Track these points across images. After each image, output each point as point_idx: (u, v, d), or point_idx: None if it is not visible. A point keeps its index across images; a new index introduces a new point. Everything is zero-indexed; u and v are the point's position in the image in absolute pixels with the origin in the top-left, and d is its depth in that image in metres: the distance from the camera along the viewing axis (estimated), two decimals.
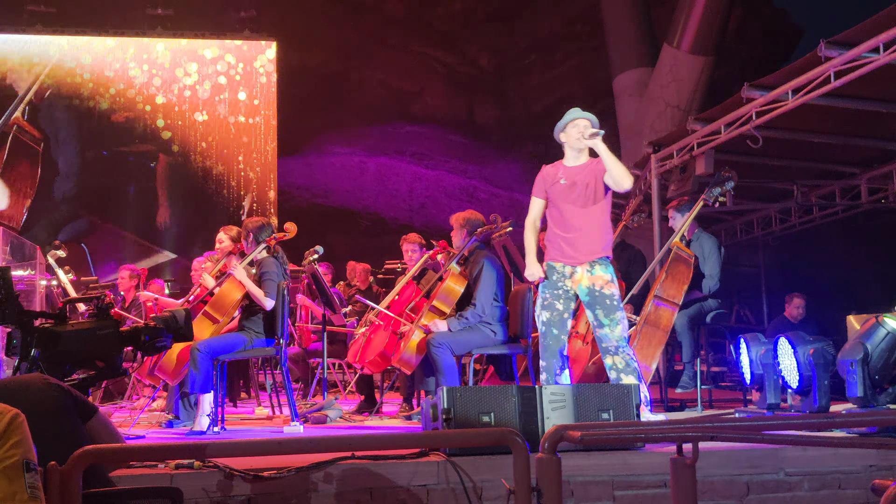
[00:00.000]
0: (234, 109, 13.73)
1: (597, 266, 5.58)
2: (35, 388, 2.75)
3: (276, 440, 2.71)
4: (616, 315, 5.54)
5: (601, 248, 5.63)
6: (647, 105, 13.43)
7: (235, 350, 6.19)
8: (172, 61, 13.63)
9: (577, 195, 5.67)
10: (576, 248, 5.65)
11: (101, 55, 13.42)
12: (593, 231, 5.64)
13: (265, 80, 13.87)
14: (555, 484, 2.71)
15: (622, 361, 5.52)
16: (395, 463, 4.11)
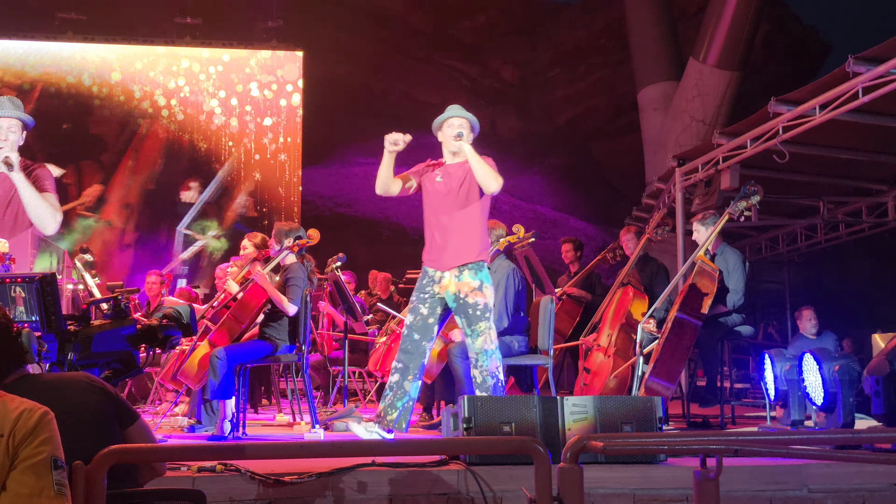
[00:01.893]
0: (258, 118, 13.80)
1: (465, 272, 5.32)
2: (79, 387, 2.78)
3: (299, 443, 2.71)
4: (479, 325, 5.27)
5: (472, 253, 5.37)
6: (671, 119, 13.39)
7: (257, 356, 6.20)
8: (199, 70, 13.72)
9: (450, 196, 5.47)
10: (444, 252, 5.43)
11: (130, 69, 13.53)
12: (464, 235, 5.40)
13: (290, 89, 13.94)
14: (577, 494, 2.70)
15: (479, 376, 5.30)
16: (416, 471, 4.10)
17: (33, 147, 13.02)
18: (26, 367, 2.84)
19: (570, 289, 8.41)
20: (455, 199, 5.45)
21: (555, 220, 16.72)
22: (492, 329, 5.32)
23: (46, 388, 2.75)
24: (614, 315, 7.01)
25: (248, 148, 13.72)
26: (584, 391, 6.90)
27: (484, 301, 5.30)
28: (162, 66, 13.58)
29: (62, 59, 13.25)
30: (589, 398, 4.54)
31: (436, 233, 5.52)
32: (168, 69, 13.60)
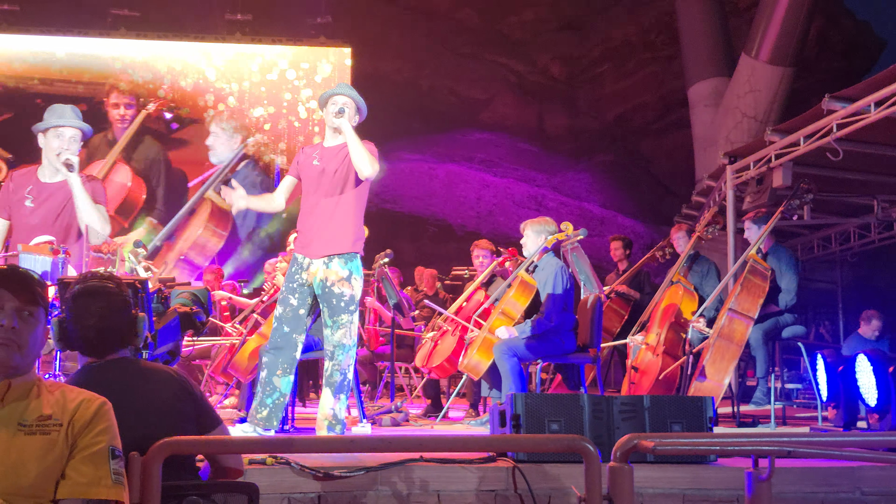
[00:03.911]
0: (307, 113, 13.88)
1: (335, 260, 5.16)
2: (166, 382, 2.85)
3: (349, 438, 2.73)
4: (341, 318, 5.12)
5: (345, 244, 5.20)
6: (722, 115, 13.24)
7: (305, 350, 6.23)
8: (248, 66, 13.83)
9: (325, 181, 5.25)
10: (314, 239, 5.25)
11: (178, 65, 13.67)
12: (337, 223, 5.21)
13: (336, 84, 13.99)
14: (627, 493, 2.69)
15: (330, 368, 5.16)
16: (463, 467, 4.10)
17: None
18: (126, 350, 2.91)
19: (618, 287, 8.36)
20: (330, 184, 5.25)
21: (602, 217, 16.62)
22: (353, 324, 5.16)
23: (137, 375, 2.83)
24: (663, 314, 6.95)
25: (292, 143, 13.79)
26: (632, 390, 6.85)
27: (350, 293, 5.15)
28: (212, 63, 13.70)
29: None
30: (639, 397, 4.51)
31: (308, 218, 5.31)
32: (219, 68, 13.71)
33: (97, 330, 2.82)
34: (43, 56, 13.31)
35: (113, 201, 12.67)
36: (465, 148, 17.38)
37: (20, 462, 2.28)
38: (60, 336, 2.87)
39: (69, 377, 2.90)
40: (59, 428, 2.35)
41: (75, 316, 2.83)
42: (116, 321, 2.85)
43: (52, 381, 2.52)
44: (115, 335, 2.85)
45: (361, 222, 5.36)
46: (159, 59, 13.52)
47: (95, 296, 2.86)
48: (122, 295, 2.90)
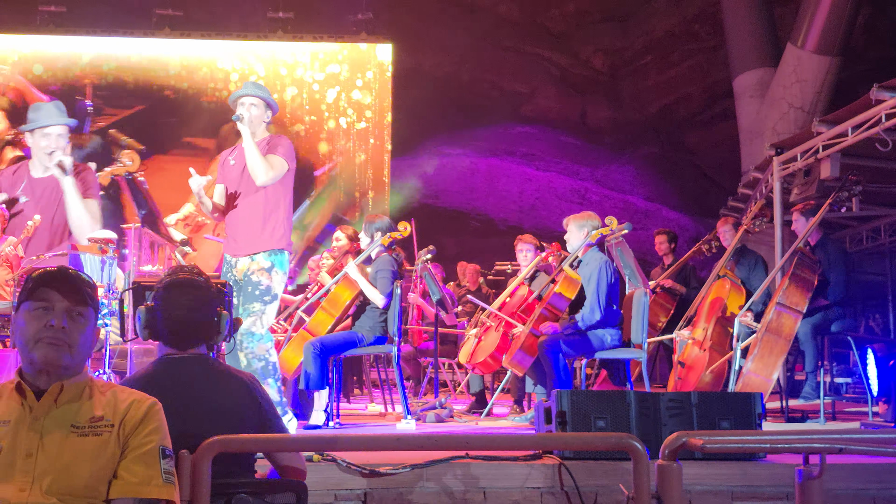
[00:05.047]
0: (348, 111, 13.92)
1: (259, 255, 5.13)
2: (237, 386, 2.91)
3: (395, 436, 2.73)
4: (253, 306, 5.04)
5: (267, 240, 5.16)
6: (768, 106, 13.06)
7: (349, 347, 6.27)
8: (291, 63, 13.90)
9: (242, 179, 5.21)
10: (236, 238, 5.23)
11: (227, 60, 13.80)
12: (255, 221, 5.18)
13: (380, 82, 14.02)
14: (676, 492, 2.67)
15: (244, 359, 5.02)
16: (509, 464, 4.09)
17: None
18: (205, 346, 2.96)
19: (664, 281, 8.29)
20: (248, 182, 5.21)
21: (647, 210, 16.49)
22: (265, 315, 5.08)
23: (212, 374, 2.89)
24: (710, 308, 6.88)
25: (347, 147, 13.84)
26: (678, 385, 6.79)
27: (268, 284, 5.10)
28: (255, 61, 13.80)
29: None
30: (686, 394, 4.47)
31: (231, 217, 5.30)
32: (262, 67, 13.81)
33: (183, 322, 2.89)
34: (162, 57, 13.68)
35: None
36: (506, 142, 17.33)
37: (73, 463, 2.32)
38: (147, 324, 2.93)
39: (145, 366, 2.96)
40: (110, 429, 2.38)
41: (164, 306, 2.89)
42: (202, 316, 2.92)
43: (104, 382, 2.56)
44: (199, 329, 2.92)
45: (286, 217, 5.31)
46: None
47: (186, 288, 2.92)
48: (210, 291, 2.97)
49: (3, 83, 13.08)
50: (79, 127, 12.64)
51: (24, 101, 12.87)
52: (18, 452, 2.31)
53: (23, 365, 2.44)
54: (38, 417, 2.36)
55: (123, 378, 3.36)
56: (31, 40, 13.42)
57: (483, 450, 3.99)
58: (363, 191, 13.77)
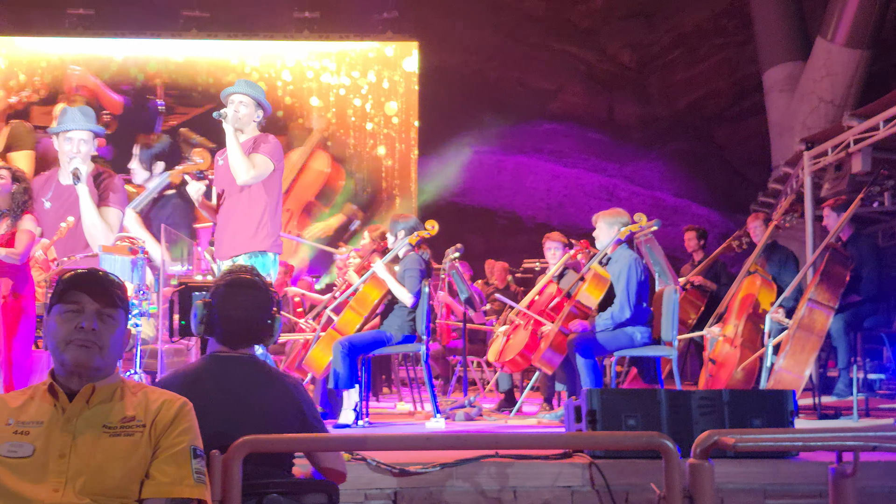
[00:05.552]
0: (375, 110, 13.93)
1: (240, 258, 5.10)
2: (282, 388, 2.94)
3: (425, 436, 2.73)
4: None
5: (250, 242, 5.12)
6: (798, 101, 12.93)
7: (378, 346, 6.28)
8: (317, 63, 13.94)
9: (227, 179, 5.18)
10: (222, 239, 5.21)
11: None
12: (240, 222, 5.15)
13: (406, 80, 14.03)
14: (708, 491, 2.65)
15: None
16: (539, 463, 4.08)
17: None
18: (254, 348, 3.00)
19: (694, 278, 8.24)
20: (227, 183, 5.18)
21: (676, 206, 16.38)
22: None
23: (260, 376, 2.93)
24: (741, 305, 6.83)
25: (374, 146, 13.87)
26: (709, 383, 6.74)
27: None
28: (277, 61, 13.85)
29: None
30: (717, 391, 4.43)
31: (219, 218, 5.27)
32: (283, 64, 13.85)
33: (239, 322, 2.92)
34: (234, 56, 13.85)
35: (312, 188, 13.40)
36: (533, 139, 17.29)
37: (106, 463, 2.33)
38: (202, 319, 2.96)
39: (194, 361, 2.99)
40: (142, 429, 2.40)
41: (222, 304, 2.93)
42: (259, 317, 2.95)
43: (135, 382, 2.57)
44: (253, 330, 2.96)
45: (271, 218, 5.25)
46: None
47: (246, 288, 2.96)
48: (268, 293, 3.00)
49: (78, 84, 13.19)
50: (150, 126, 12.80)
51: (97, 101, 12.99)
52: (51, 453, 2.33)
53: (55, 367, 2.46)
54: (71, 418, 2.38)
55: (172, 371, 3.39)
56: (100, 43, 13.53)
57: (514, 449, 3.98)
58: (390, 191, 13.78)
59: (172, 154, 12.54)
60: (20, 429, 2.36)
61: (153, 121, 13.00)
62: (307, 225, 13.36)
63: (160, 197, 6.56)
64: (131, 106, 13.13)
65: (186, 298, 3.85)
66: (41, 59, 13.41)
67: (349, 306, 6.45)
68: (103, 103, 12.94)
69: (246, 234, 5.15)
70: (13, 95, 13.05)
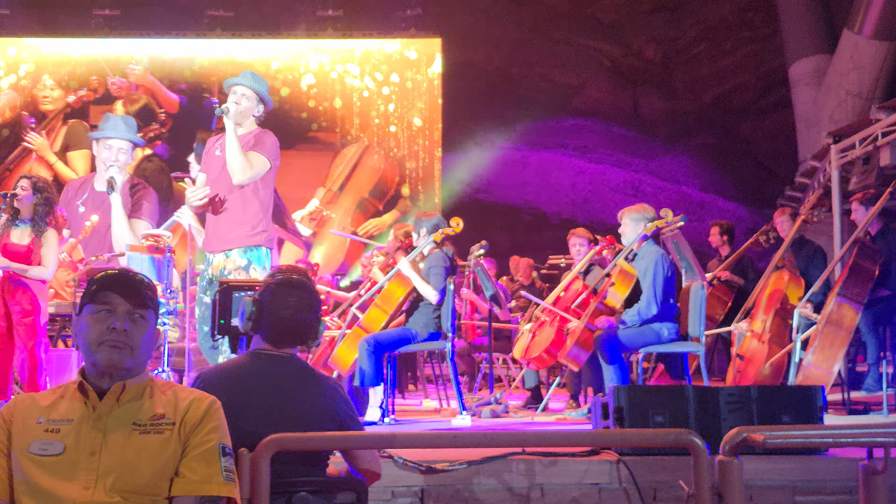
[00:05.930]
0: (399, 107, 13.94)
1: (234, 252, 5.08)
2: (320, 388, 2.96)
3: (452, 433, 2.73)
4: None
5: (242, 237, 5.09)
6: (825, 94, 12.82)
7: (403, 344, 6.29)
8: (339, 60, 13.97)
9: (223, 173, 5.10)
10: (215, 234, 5.16)
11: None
12: (235, 216, 5.10)
13: (429, 77, 14.03)
14: (737, 488, 2.64)
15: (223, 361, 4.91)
16: (567, 460, 4.07)
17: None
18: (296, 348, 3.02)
19: (721, 273, 8.18)
20: (222, 176, 5.13)
21: (702, 201, 16.29)
22: None
23: (301, 377, 2.96)
24: (769, 300, 6.78)
25: (399, 140, 13.88)
26: (737, 379, 6.70)
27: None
28: (299, 59, 13.88)
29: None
30: (745, 388, 4.41)
31: (210, 212, 5.20)
32: (306, 63, 13.88)
33: (288, 322, 2.95)
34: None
35: (366, 185, 13.53)
36: (558, 135, 17.23)
37: (136, 461, 2.35)
38: (250, 316, 2.98)
39: (237, 356, 3.01)
40: (171, 427, 2.42)
41: (273, 302, 2.95)
42: (307, 318, 2.98)
43: (164, 381, 2.59)
44: (300, 331, 2.98)
45: (266, 213, 5.26)
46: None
47: (297, 289, 2.99)
48: (316, 295, 3.04)
49: (136, 83, 13.30)
50: (206, 124, 12.90)
51: (155, 101, 13.10)
52: (82, 451, 2.35)
53: (86, 366, 2.48)
54: (101, 416, 2.40)
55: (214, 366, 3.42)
56: (156, 44, 13.68)
57: (541, 447, 3.97)
58: (414, 188, 13.79)
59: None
60: (51, 427, 2.38)
61: (209, 118, 13.09)
62: (361, 222, 13.39)
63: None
64: (187, 105, 13.26)
65: (227, 298, 3.89)
66: (101, 59, 13.50)
67: (374, 304, 6.46)
68: (160, 102, 13.07)
69: (240, 228, 5.13)
70: (71, 94, 13.19)
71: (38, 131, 12.95)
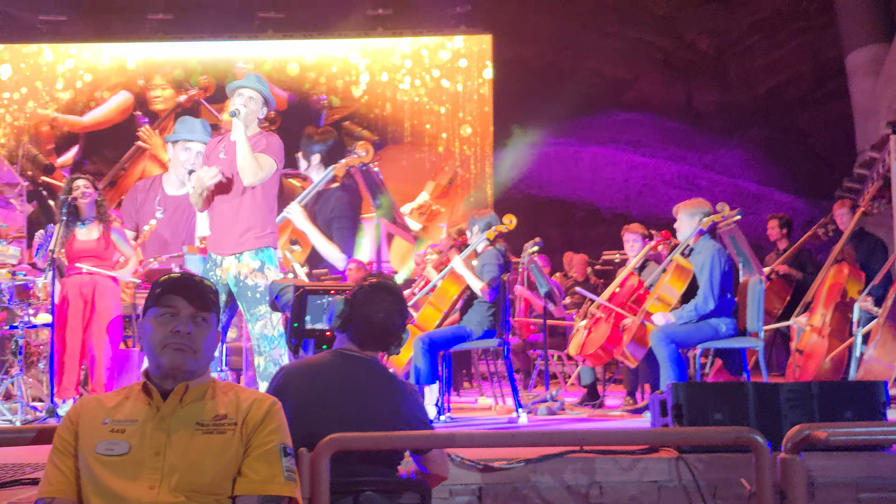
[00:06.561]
0: (451, 104, 13.96)
1: (245, 255, 5.06)
2: (390, 392, 2.99)
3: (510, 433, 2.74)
4: (259, 309, 4.97)
5: (253, 239, 5.09)
6: (884, 83, 12.55)
7: (458, 342, 6.30)
8: (391, 59, 14.02)
9: (230, 173, 5.10)
10: (224, 236, 5.13)
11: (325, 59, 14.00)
12: (242, 218, 5.10)
13: (480, 74, 14.03)
14: (800, 486, 2.61)
15: (263, 363, 4.97)
16: (625, 458, 4.04)
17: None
18: (374, 355, 3.06)
19: (779, 267, 8.07)
20: (234, 178, 5.12)
21: (758, 194, 16.07)
22: (273, 314, 4.97)
23: (379, 380, 2.99)
24: (828, 294, 6.67)
25: (449, 138, 13.90)
26: (796, 374, 6.61)
27: (264, 283, 5.03)
28: (350, 60, 13.97)
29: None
30: (806, 384, 4.34)
31: (216, 214, 5.20)
32: (356, 63, 13.95)
33: (378, 325, 2.99)
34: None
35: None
36: (610, 129, 17.12)
37: (200, 460, 2.39)
38: (341, 314, 3.01)
39: (318, 354, 3.05)
40: (233, 427, 2.45)
41: (366, 304, 2.99)
42: (397, 323, 3.02)
43: (225, 382, 2.63)
44: (388, 335, 3.03)
45: (272, 214, 5.29)
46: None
47: (391, 294, 3.04)
48: (406, 302, 3.09)
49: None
50: (315, 121, 13.09)
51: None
52: (147, 451, 2.39)
53: (150, 368, 2.53)
54: (165, 417, 2.44)
55: (297, 361, 3.47)
56: (262, 45, 13.92)
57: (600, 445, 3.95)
58: (466, 186, 13.79)
59: (334, 148, 12.85)
60: (116, 427, 2.43)
61: (318, 115, 13.26)
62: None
63: (324, 190, 6.65)
64: (295, 102, 13.43)
65: (303, 302, 3.95)
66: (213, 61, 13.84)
67: (428, 302, 6.48)
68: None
69: (249, 231, 5.14)
70: (182, 94, 13.46)
71: (152, 130, 13.25)
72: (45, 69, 13.74)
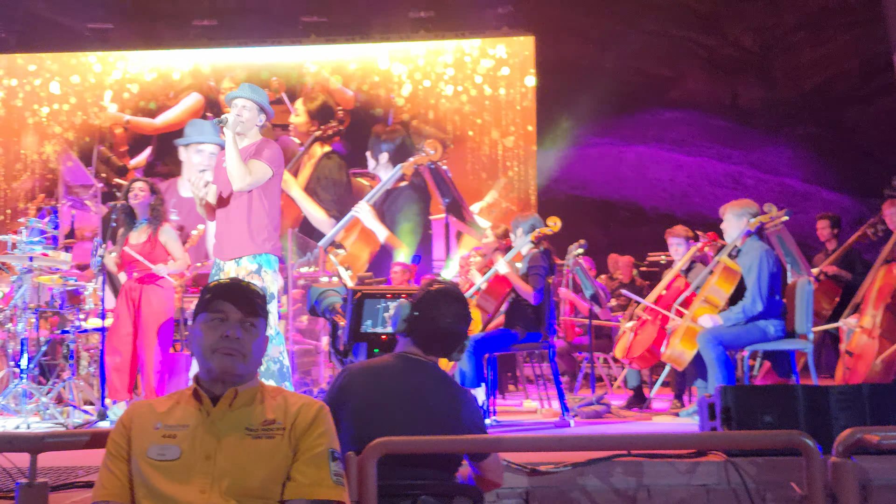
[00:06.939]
0: (492, 106, 13.95)
1: (244, 259, 5.21)
2: (447, 397, 2.99)
3: (558, 437, 2.74)
4: None
5: (251, 245, 5.21)
6: None
7: (503, 344, 6.30)
8: (431, 62, 14.04)
9: (228, 182, 5.22)
10: (224, 241, 5.29)
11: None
12: (240, 225, 5.22)
13: (523, 75, 14.01)
14: (852, 490, 2.59)
15: (264, 362, 4.81)
16: (673, 461, 4.02)
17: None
18: (436, 360, 3.07)
19: (827, 268, 7.96)
20: (228, 185, 5.22)
21: (805, 192, 15.86)
22: (270, 315, 4.88)
23: (437, 383, 3.00)
24: (878, 294, 6.56)
25: (493, 139, 13.90)
26: (846, 376, 6.51)
27: (261, 284, 5.08)
28: (394, 62, 14.00)
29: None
30: (857, 386, 4.28)
31: (219, 220, 5.33)
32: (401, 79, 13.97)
33: (445, 331, 3.01)
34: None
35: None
36: (654, 128, 17.00)
37: (249, 465, 2.42)
38: (407, 318, 3.04)
39: (384, 355, 3.08)
40: (282, 432, 2.48)
41: (433, 310, 3.01)
42: (462, 330, 3.05)
43: (273, 387, 2.67)
44: (452, 340, 3.04)
45: (272, 221, 5.36)
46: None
47: (457, 300, 3.07)
48: (468, 308, 3.09)
49: (315, 83, 13.69)
50: (384, 119, 13.24)
51: (334, 101, 13.43)
52: (197, 455, 2.43)
53: (200, 372, 2.57)
54: (215, 421, 2.48)
55: (360, 361, 3.49)
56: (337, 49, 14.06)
57: (647, 450, 3.93)
58: (509, 188, 13.77)
59: (401, 147, 12.93)
60: (167, 432, 2.47)
61: (386, 114, 13.35)
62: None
63: (392, 189, 6.71)
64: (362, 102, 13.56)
65: (360, 306, 4.00)
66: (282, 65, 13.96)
67: (473, 305, 6.49)
68: (336, 99, 13.37)
69: (248, 237, 5.27)
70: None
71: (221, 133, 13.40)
72: (92, 80, 13.93)
